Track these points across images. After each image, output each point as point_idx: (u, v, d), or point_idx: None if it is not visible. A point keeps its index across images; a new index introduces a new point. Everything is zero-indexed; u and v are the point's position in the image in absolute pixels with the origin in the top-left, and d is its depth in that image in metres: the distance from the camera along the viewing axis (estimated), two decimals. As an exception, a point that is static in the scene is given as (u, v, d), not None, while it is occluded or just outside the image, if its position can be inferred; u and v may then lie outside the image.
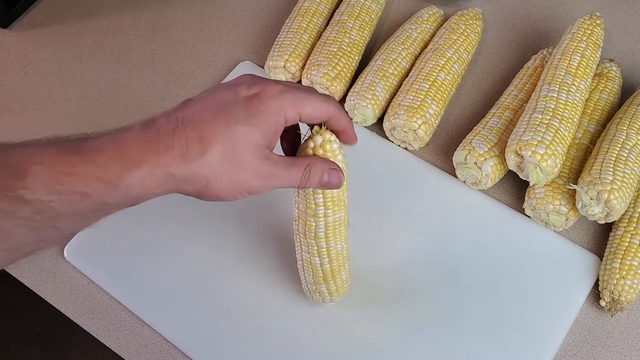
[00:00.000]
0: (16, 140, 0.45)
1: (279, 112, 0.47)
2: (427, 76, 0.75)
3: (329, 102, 0.50)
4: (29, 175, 0.42)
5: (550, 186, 0.68)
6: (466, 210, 0.72)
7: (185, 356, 0.66)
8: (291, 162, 0.49)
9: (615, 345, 0.64)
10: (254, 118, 0.47)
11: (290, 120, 0.48)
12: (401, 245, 0.70)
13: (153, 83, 0.85)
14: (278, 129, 0.48)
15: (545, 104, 0.68)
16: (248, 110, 0.47)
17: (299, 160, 0.50)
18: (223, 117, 0.46)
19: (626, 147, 0.67)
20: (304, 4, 0.85)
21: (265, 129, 0.47)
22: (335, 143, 0.50)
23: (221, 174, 0.46)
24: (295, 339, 0.65)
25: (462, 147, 0.71)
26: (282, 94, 0.48)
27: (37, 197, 0.42)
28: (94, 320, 0.68)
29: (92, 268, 0.71)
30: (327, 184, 0.51)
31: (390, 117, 0.74)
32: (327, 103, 0.50)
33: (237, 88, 0.48)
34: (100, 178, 0.43)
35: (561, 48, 0.73)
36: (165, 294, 0.68)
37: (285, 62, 0.80)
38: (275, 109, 0.47)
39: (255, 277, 0.69)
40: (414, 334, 0.65)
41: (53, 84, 0.86)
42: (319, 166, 0.50)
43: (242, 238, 0.71)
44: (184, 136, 0.45)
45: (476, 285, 0.67)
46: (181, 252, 0.71)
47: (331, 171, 0.50)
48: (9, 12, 0.91)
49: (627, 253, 0.64)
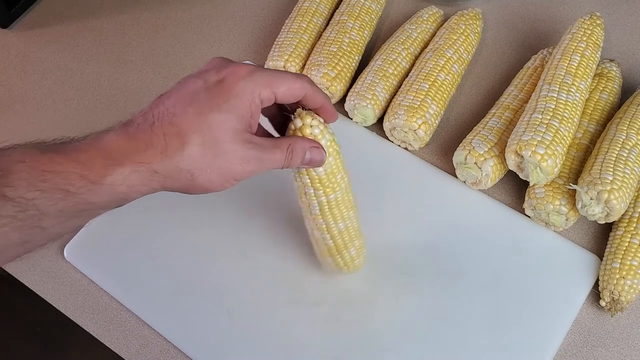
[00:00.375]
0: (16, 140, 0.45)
1: (253, 94, 0.47)
2: (427, 76, 0.75)
3: (302, 80, 0.49)
4: (13, 172, 0.42)
5: (550, 186, 0.68)
6: (466, 210, 0.72)
7: (185, 356, 0.66)
8: (274, 143, 0.49)
9: (615, 345, 0.64)
10: (227, 103, 0.46)
11: (266, 100, 0.48)
12: (400, 245, 0.70)
13: (153, 83, 0.85)
14: (254, 110, 0.47)
15: (545, 104, 0.68)
16: (220, 96, 0.46)
17: (280, 140, 0.50)
18: (195, 107, 0.46)
19: (626, 147, 0.67)
20: (304, 4, 0.85)
21: (240, 112, 0.46)
22: (317, 128, 0.51)
23: (204, 165, 0.46)
24: (295, 338, 0.65)
25: (462, 147, 0.71)
26: (252, 74, 0.47)
27: (20, 194, 0.42)
28: (94, 320, 0.68)
29: (92, 268, 0.71)
30: (310, 162, 0.51)
31: (390, 117, 0.74)
32: (301, 80, 0.49)
33: (206, 75, 0.47)
34: (83, 176, 0.43)
35: (561, 48, 0.73)
36: (165, 294, 0.68)
37: (285, 62, 0.80)
38: (248, 91, 0.47)
39: (256, 277, 0.69)
40: (413, 334, 0.65)
41: (53, 84, 0.86)
42: (300, 145, 0.50)
43: (242, 238, 0.71)
44: (162, 132, 0.45)
45: (476, 285, 0.67)
46: (181, 252, 0.71)
47: (313, 149, 0.50)
48: (9, 12, 0.91)
49: (627, 253, 0.64)
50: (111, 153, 0.44)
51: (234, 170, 0.47)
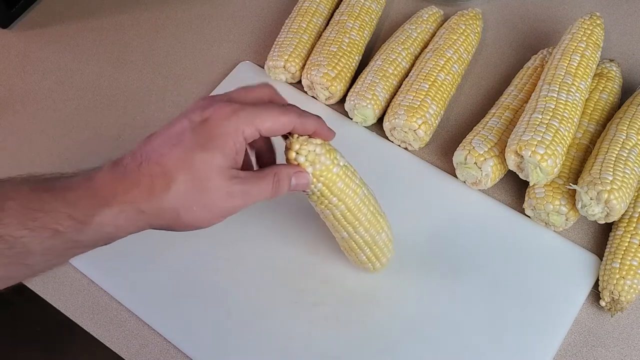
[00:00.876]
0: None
1: (237, 132, 0.48)
2: (427, 76, 0.75)
3: (288, 114, 0.50)
4: (2, 210, 0.43)
5: (550, 186, 0.68)
6: (466, 210, 0.72)
7: (186, 356, 0.66)
8: (259, 175, 0.50)
9: (615, 345, 0.64)
10: (212, 142, 0.47)
11: (250, 137, 0.49)
12: (400, 245, 0.69)
13: (153, 83, 0.85)
14: (239, 148, 0.48)
15: (545, 104, 0.68)
16: (204, 135, 0.47)
17: (265, 171, 0.51)
18: (181, 147, 0.47)
19: (626, 147, 0.67)
20: (304, 4, 0.85)
21: (225, 151, 0.47)
22: (301, 156, 0.52)
23: (190, 203, 0.47)
24: (296, 339, 0.65)
25: (462, 147, 0.71)
26: (236, 113, 0.48)
27: (9, 232, 0.43)
28: (94, 320, 0.68)
29: (92, 268, 0.71)
30: (297, 187, 0.52)
31: (390, 117, 0.74)
32: (287, 115, 0.50)
33: (191, 115, 0.48)
34: (71, 216, 0.44)
35: (561, 48, 0.73)
36: (165, 294, 0.68)
37: (285, 62, 0.80)
38: (232, 129, 0.47)
39: (256, 277, 0.69)
40: (413, 333, 0.65)
41: (53, 84, 0.86)
42: (285, 172, 0.51)
43: (242, 237, 0.71)
44: (149, 172, 0.46)
45: (476, 285, 0.67)
46: (181, 252, 0.70)
47: (297, 174, 0.52)
48: (9, 12, 0.91)
49: (627, 253, 0.64)
50: (99, 193, 0.45)
51: (220, 207, 0.48)
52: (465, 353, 0.64)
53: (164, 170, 0.46)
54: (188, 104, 0.82)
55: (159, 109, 0.83)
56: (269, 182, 0.50)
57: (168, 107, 0.83)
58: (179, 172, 0.46)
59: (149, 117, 0.82)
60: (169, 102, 0.83)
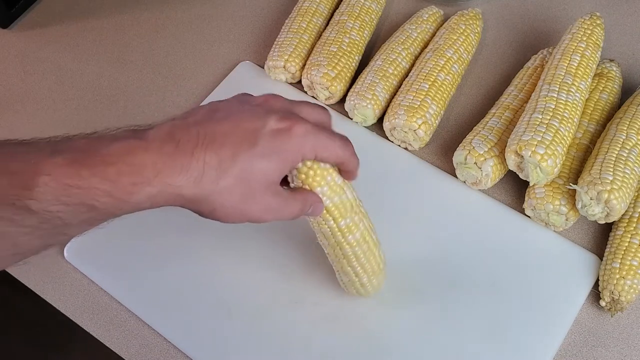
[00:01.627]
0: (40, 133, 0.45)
1: (299, 152, 0.47)
2: (427, 76, 0.75)
3: (345, 149, 0.50)
4: (37, 185, 0.41)
5: (550, 186, 0.68)
6: (466, 210, 0.72)
7: (186, 356, 0.66)
8: (293, 196, 0.50)
9: (615, 345, 0.64)
10: (276, 155, 0.46)
11: (306, 159, 0.49)
12: (400, 245, 0.70)
13: (153, 83, 0.85)
14: (293, 166, 0.49)
15: (545, 104, 0.68)
16: (273, 146, 0.46)
17: (298, 194, 0.51)
18: (247, 147, 0.45)
19: (626, 147, 0.67)
20: (304, 4, 0.85)
21: (282, 166, 0.47)
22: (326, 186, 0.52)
23: (230, 204, 0.46)
24: (296, 339, 0.65)
25: (462, 147, 0.71)
26: (307, 135, 0.47)
27: (44, 207, 0.41)
28: (94, 320, 0.68)
29: (92, 268, 0.71)
30: (312, 213, 0.52)
31: (390, 117, 0.74)
32: (344, 150, 0.50)
33: (267, 119, 0.47)
34: (109, 193, 0.42)
35: (561, 48, 0.73)
36: (166, 294, 0.68)
37: (285, 62, 0.80)
38: (297, 148, 0.47)
39: (256, 277, 0.69)
40: (413, 333, 0.65)
41: (53, 84, 0.86)
42: (311, 200, 0.51)
43: (242, 237, 0.71)
44: (203, 159, 0.44)
45: (476, 285, 0.67)
46: (182, 251, 0.70)
47: (317, 204, 0.52)
48: (9, 12, 0.91)
49: (627, 253, 0.64)
50: (142, 171, 0.43)
51: (253, 215, 0.48)
52: (465, 353, 0.64)
53: (220, 162, 0.44)
54: (188, 104, 0.83)
55: (159, 109, 0.83)
56: (298, 205, 0.50)
57: (168, 107, 0.83)
58: (234, 170, 0.45)
59: (149, 117, 0.82)
60: (169, 102, 0.83)
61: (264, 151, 0.46)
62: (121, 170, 0.42)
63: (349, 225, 0.56)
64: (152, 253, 0.71)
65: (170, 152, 0.44)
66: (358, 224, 0.56)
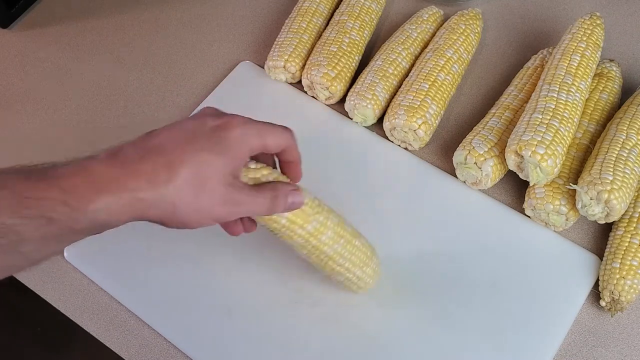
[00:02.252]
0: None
1: (244, 141, 0.50)
2: (427, 76, 0.75)
3: (288, 133, 0.53)
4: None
5: (550, 186, 0.68)
6: (466, 210, 0.72)
7: (186, 356, 0.66)
8: (256, 189, 0.52)
9: (615, 345, 0.64)
10: (219, 147, 0.48)
11: (256, 149, 0.50)
12: (401, 245, 0.70)
13: (153, 83, 0.85)
14: (243, 157, 0.50)
15: (545, 104, 0.68)
16: (214, 139, 0.49)
17: (263, 187, 0.52)
18: (191, 144, 0.48)
19: (626, 147, 0.67)
20: (304, 4, 0.85)
21: (229, 157, 0.49)
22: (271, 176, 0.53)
23: (187, 200, 0.47)
24: (296, 339, 0.65)
25: (462, 147, 0.71)
26: (246, 124, 0.50)
27: (1, 220, 0.42)
28: (94, 320, 0.68)
29: (92, 268, 0.71)
30: (292, 205, 0.53)
31: (390, 117, 0.74)
32: (287, 134, 0.53)
33: (204, 119, 0.50)
34: (66, 203, 0.44)
35: (561, 48, 0.73)
36: (166, 294, 0.68)
37: (285, 62, 0.80)
38: (240, 138, 0.49)
39: (256, 277, 0.69)
40: (413, 333, 0.65)
41: (53, 84, 0.86)
42: (283, 190, 0.52)
43: (242, 237, 0.71)
44: (151, 162, 0.46)
45: (476, 285, 0.67)
46: (182, 252, 0.70)
47: (294, 193, 0.53)
48: (9, 12, 0.91)
49: (627, 253, 0.64)
50: (96, 179, 0.45)
51: (212, 210, 0.49)
52: (465, 353, 0.64)
53: (169, 161, 0.47)
54: (188, 104, 0.83)
55: (159, 109, 0.83)
56: (265, 196, 0.51)
57: (168, 107, 0.83)
58: (184, 167, 0.47)
59: (149, 117, 0.82)
60: (169, 102, 0.83)
61: (208, 146, 0.48)
62: (76, 182, 0.45)
63: (317, 228, 0.56)
64: (152, 253, 0.71)
65: (121, 162, 0.46)
66: (326, 223, 0.57)
